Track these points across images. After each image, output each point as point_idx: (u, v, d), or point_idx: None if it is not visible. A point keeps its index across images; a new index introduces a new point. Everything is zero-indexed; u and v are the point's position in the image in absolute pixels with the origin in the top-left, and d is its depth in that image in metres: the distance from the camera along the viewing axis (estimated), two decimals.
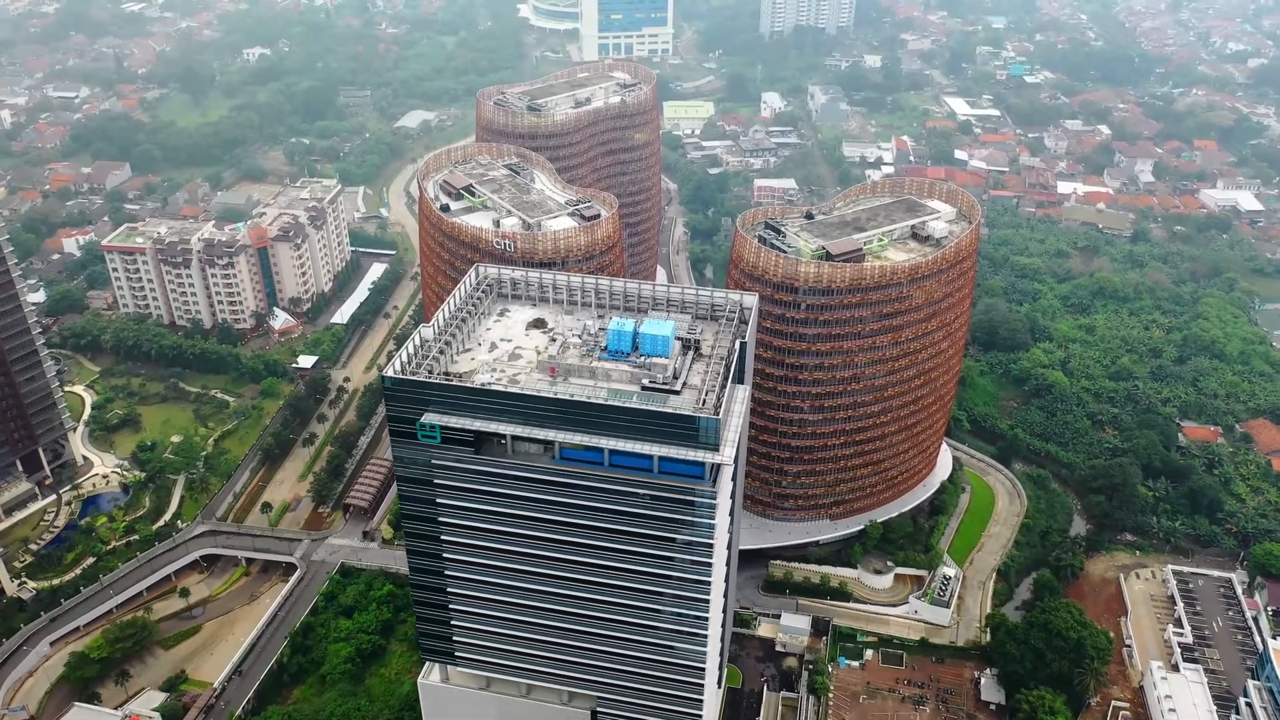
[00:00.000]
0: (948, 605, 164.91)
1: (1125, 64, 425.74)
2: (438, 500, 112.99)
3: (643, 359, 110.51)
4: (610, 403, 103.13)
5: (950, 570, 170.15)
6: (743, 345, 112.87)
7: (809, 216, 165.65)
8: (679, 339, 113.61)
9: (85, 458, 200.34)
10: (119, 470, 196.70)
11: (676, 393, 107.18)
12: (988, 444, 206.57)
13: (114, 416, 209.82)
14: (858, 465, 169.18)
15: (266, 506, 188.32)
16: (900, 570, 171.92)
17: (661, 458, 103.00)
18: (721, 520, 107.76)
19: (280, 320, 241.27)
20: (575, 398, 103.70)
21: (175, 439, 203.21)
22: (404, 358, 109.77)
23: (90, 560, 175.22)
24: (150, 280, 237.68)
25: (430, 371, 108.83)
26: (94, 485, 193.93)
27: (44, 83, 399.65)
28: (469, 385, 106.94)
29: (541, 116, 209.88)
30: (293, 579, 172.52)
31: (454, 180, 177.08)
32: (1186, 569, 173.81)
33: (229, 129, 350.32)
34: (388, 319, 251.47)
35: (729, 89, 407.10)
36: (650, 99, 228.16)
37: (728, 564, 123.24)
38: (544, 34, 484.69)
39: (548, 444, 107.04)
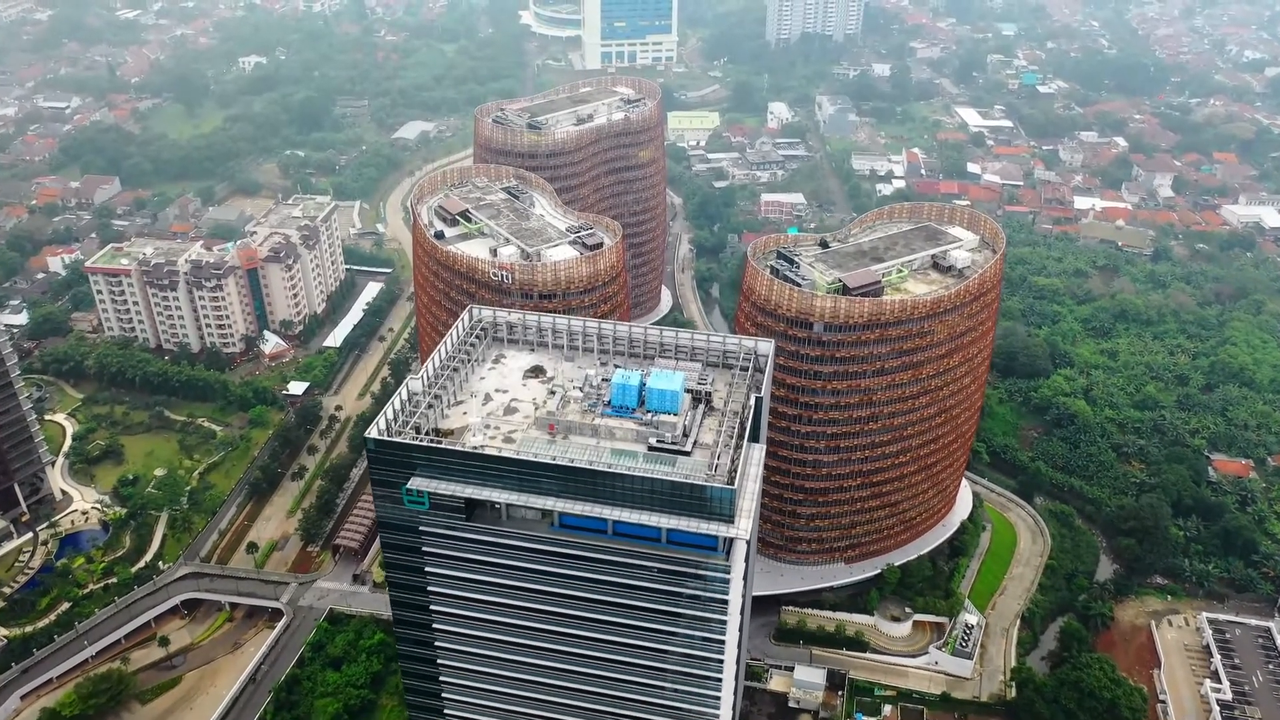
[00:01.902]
0: (970, 656, 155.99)
1: (1140, 73, 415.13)
2: (426, 568, 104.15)
3: (650, 415, 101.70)
4: (613, 470, 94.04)
5: (972, 618, 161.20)
6: (758, 400, 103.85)
7: (824, 245, 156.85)
8: (689, 391, 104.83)
9: (64, 492, 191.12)
10: (99, 506, 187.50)
11: (687, 453, 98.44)
12: (1008, 477, 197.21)
13: (95, 448, 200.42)
14: (874, 507, 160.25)
15: (252, 546, 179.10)
16: (919, 617, 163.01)
17: (670, 529, 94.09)
18: (735, 594, 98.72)
19: (271, 344, 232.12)
20: (575, 463, 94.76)
21: (159, 472, 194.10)
22: (389, 415, 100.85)
23: (66, 605, 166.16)
24: (136, 303, 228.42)
25: (418, 430, 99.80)
26: (73, 522, 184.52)
27: (34, 92, 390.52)
28: (459, 449, 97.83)
29: (542, 134, 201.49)
30: (279, 626, 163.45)
31: (449, 205, 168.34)
32: (1222, 616, 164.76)
33: (222, 141, 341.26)
34: (383, 342, 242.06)
35: (734, 98, 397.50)
36: (655, 115, 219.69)
37: (740, 629, 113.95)
38: (546, 41, 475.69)
39: (546, 510, 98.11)
